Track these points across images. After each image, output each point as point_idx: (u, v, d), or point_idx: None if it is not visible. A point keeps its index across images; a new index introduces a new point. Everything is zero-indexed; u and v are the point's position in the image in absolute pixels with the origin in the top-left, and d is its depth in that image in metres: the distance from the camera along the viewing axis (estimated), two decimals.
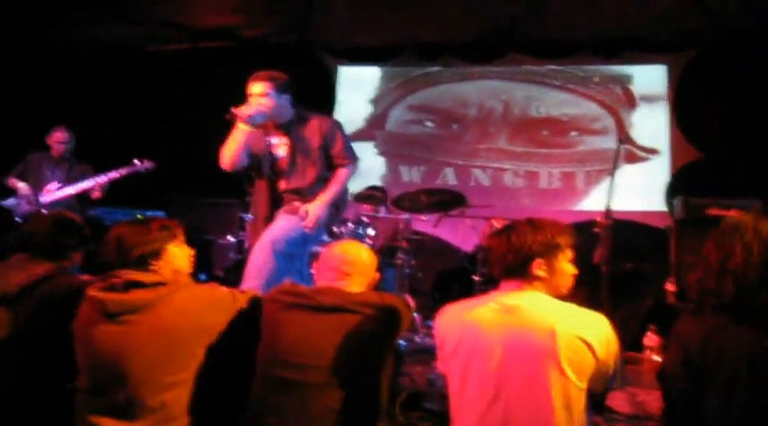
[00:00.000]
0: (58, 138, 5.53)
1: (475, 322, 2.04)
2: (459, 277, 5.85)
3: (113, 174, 5.46)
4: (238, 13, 7.48)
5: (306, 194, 3.66)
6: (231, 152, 3.63)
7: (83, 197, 5.54)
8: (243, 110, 3.51)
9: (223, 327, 2.39)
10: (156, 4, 7.32)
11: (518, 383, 1.91)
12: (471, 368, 1.99)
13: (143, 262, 2.36)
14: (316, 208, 3.53)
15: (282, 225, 3.57)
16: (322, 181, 3.68)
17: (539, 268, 2.04)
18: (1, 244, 5.02)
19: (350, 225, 5.07)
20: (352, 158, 3.75)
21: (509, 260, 2.07)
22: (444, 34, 7.61)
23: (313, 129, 3.72)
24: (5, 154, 5.75)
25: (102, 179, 5.41)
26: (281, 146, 3.77)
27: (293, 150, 3.71)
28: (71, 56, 7.87)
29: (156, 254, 2.39)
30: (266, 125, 3.71)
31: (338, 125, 3.83)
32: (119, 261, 2.37)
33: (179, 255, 2.48)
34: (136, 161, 5.50)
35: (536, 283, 2.06)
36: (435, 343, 2.21)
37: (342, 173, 3.70)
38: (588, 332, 1.91)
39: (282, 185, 3.77)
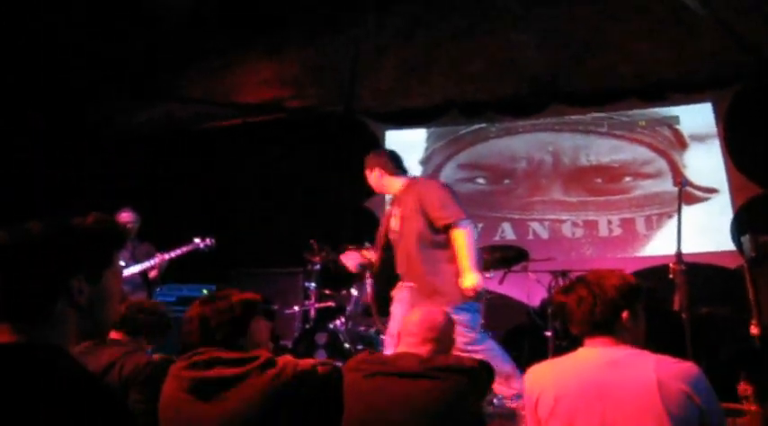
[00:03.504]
0: (126, 219, 5.61)
1: (572, 379, 2.00)
2: (528, 333, 5.75)
3: (175, 252, 5.57)
4: (286, 86, 7.73)
5: (414, 260, 3.68)
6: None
7: (146, 275, 5.64)
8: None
9: (307, 400, 2.38)
10: (208, 83, 7.63)
11: None
12: None
13: (228, 340, 2.35)
14: (466, 282, 3.50)
15: None
16: (429, 245, 3.66)
17: (627, 319, 2.02)
18: None
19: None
20: (456, 215, 3.66)
21: (597, 313, 2.02)
22: (487, 91, 7.73)
23: (413, 193, 3.79)
24: None
25: (165, 257, 5.50)
26: (394, 216, 3.92)
27: (401, 218, 3.82)
28: (126, 136, 8.20)
29: (241, 331, 2.39)
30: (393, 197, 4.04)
31: (438, 185, 3.86)
32: (203, 340, 2.36)
33: (261, 330, 2.49)
34: (197, 239, 5.61)
35: (624, 336, 2.03)
36: (525, 403, 2.17)
37: (453, 234, 3.63)
38: (689, 383, 1.86)
39: (397, 250, 3.89)
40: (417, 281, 3.68)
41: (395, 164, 4.03)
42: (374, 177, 3.99)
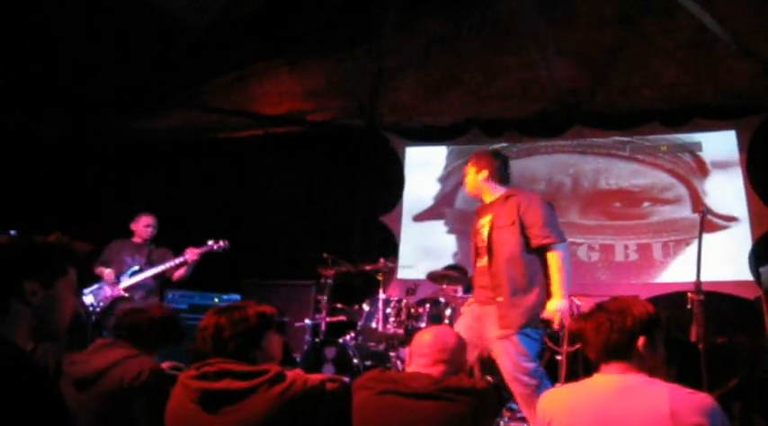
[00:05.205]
0: (146, 222, 5.67)
1: (585, 406, 1.98)
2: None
3: (190, 254, 5.59)
4: (307, 99, 7.78)
5: (501, 274, 3.54)
6: None
7: (163, 280, 5.66)
8: None
9: (315, 416, 2.36)
10: (230, 93, 7.69)
11: None
12: None
13: (240, 352, 2.33)
14: (551, 305, 3.43)
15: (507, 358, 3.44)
16: (518, 262, 3.53)
17: (643, 346, 1.99)
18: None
19: (427, 305, 5.04)
20: (556, 237, 3.52)
21: (614, 339, 2.00)
22: (509, 110, 7.69)
23: (512, 205, 3.63)
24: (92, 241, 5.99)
25: (180, 260, 5.52)
26: (483, 226, 3.75)
27: (492, 228, 3.66)
28: (145, 145, 8.28)
29: (255, 344, 2.37)
30: (480, 206, 3.88)
31: (541, 202, 3.69)
32: (215, 350, 2.33)
33: (273, 344, 2.46)
34: (210, 242, 5.63)
35: (640, 363, 2.00)
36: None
37: (549, 255, 3.51)
38: (704, 416, 1.83)
39: (479, 262, 3.75)
40: (497, 295, 3.52)
41: (506, 173, 3.88)
42: (478, 178, 3.81)
